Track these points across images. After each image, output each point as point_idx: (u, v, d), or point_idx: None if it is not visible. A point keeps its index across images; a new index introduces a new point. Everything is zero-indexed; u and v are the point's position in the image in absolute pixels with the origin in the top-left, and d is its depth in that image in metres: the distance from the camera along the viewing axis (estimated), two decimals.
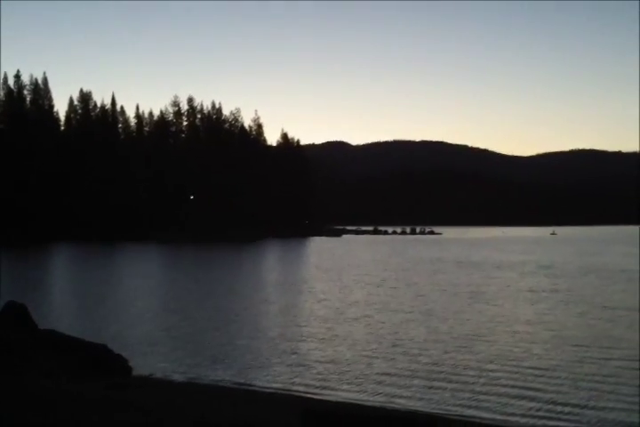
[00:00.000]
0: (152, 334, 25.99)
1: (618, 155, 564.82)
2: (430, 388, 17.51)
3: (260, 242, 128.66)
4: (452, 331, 26.34)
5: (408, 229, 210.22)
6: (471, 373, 19.14)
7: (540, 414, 15.18)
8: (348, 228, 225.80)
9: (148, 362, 20.51)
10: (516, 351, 22.23)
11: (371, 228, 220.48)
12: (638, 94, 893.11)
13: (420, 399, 16.45)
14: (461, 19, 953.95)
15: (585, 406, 15.61)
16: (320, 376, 19.00)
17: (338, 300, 37.07)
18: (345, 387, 17.76)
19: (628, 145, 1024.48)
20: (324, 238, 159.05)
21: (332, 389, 17.61)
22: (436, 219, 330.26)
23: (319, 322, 29.18)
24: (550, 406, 15.68)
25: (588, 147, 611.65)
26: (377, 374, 19.17)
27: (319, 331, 26.80)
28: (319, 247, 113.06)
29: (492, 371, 19.35)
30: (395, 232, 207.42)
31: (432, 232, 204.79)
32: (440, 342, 23.88)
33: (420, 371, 19.45)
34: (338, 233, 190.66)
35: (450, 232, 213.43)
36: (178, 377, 18.79)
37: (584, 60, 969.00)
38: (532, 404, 15.89)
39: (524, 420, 14.76)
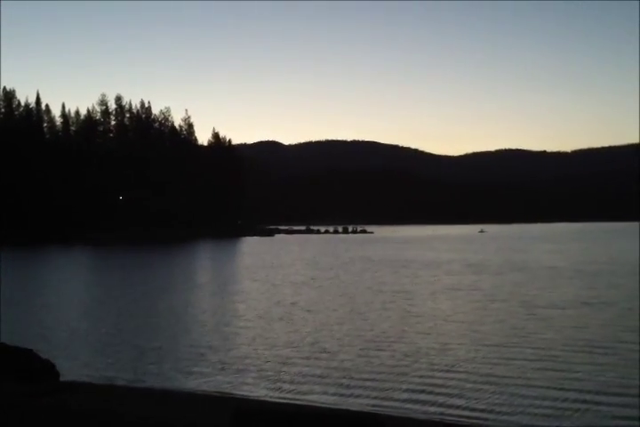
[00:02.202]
0: (79, 338, 25.96)
1: (542, 154, 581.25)
2: (347, 385, 18.11)
3: (192, 242, 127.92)
4: (373, 329, 27.05)
5: (340, 229, 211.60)
6: (387, 370, 19.85)
7: (444, 408, 15.94)
8: (281, 227, 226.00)
9: (76, 367, 20.55)
10: (432, 348, 23.06)
11: (303, 227, 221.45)
12: (562, 96, 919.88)
13: (335, 396, 17.02)
14: (391, 19, 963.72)
15: (488, 406, 16.08)
16: (239, 375, 19.45)
17: (264, 299, 37.56)
18: (263, 386, 18.25)
19: (552, 145, 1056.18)
20: (256, 238, 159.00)
21: (252, 386, 18.11)
22: (367, 218, 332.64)
23: (242, 322, 29.56)
24: (453, 402, 16.33)
25: (514, 147, 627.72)
26: (295, 372, 19.72)
27: (242, 331, 27.18)
28: (250, 247, 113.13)
29: (405, 368, 20.10)
30: (327, 231, 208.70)
31: (364, 231, 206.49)
32: (360, 340, 24.57)
33: (338, 369, 20.04)
34: (270, 233, 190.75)
35: (381, 231, 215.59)
36: (104, 381, 18.91)
37: (509, 62, 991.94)
38: (439, 400, 16.56)
39: (431, 411, 15.53)
